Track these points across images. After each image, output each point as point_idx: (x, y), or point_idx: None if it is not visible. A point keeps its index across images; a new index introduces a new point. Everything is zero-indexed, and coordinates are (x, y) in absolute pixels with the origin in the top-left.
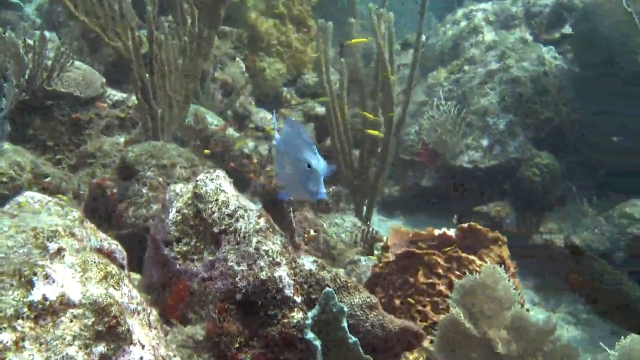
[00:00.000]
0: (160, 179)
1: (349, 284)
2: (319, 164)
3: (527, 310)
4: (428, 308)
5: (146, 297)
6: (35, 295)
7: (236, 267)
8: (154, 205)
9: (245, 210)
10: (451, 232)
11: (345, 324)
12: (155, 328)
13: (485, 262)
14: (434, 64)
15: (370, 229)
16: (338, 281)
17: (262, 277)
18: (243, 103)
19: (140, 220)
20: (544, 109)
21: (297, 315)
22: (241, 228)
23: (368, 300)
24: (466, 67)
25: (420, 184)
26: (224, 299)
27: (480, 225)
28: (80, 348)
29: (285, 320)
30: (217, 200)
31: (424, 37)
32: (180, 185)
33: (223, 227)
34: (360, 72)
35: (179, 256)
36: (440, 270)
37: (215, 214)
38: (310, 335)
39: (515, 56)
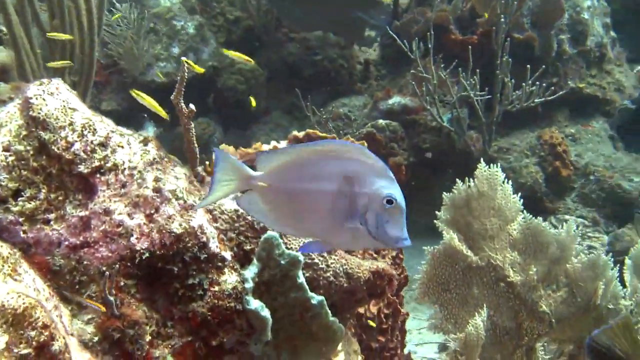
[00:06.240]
0: None
1: None
2: (400, 194)
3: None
4: None
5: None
6: None
7: (129, 221)
8: None
9: (122, 135)
10: (282, 145)
11: (302, 280)
12: (72, 334)
13: None
14: None
15: None
16: None
17: (175, 230)
18: None
19: None
20: (232, 9)
21: (230, 278)
22: (124, 161)
23: None
24: None
25: (100, 108)
26: (116, 271)
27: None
28: None
29: (216, 288)
30: (72, 124)
31: None
32: None
33: (96, 163)
34: None
35: (22, 218)
36: None
37: (77, 145)
38: (254, 303)
39: None
